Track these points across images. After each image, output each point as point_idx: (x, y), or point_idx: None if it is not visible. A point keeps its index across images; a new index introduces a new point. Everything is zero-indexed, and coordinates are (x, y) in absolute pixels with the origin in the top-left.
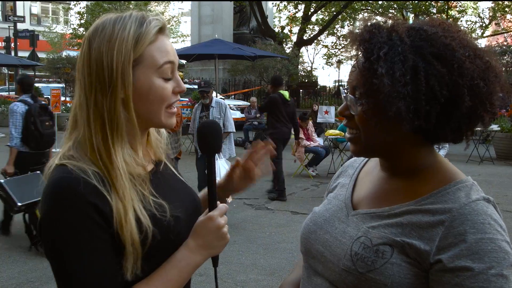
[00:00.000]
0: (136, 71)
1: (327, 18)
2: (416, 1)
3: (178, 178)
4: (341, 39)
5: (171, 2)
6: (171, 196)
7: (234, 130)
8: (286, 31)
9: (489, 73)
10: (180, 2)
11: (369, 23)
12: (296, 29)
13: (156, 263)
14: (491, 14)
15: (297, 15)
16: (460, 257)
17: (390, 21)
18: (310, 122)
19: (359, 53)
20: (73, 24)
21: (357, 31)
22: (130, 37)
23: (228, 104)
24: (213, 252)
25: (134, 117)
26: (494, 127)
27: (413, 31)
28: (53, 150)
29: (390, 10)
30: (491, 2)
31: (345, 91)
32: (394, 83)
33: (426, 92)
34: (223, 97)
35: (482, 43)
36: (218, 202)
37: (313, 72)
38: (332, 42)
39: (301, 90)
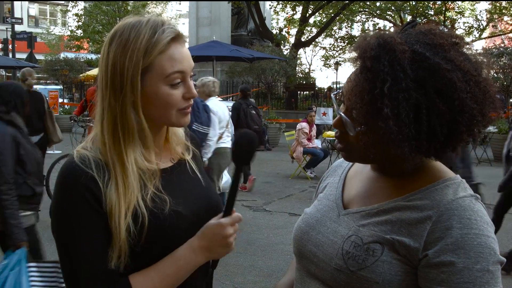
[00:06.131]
0: (145, 78)
1: (324, 20)
2: (413, 3)
3: (195, 178)
4: (338, 41)
5: (168, 3)
6: (178, 193)
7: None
8: (284, 33)
9: (486, 102)
10: (178, 3)
11: (370, 45)
12: (294, 31)
13: (151, 254)
14: (488, 16)
15: (294, 17)
16: (446, 252)
17: (389, 38)
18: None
19: (361, 78)
20: (70, 26)
21: (356, 51)
22: (142, 46)
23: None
24: (214, 257)
25: (144, 120)
26: (492, 128)
27: (416, 56)
28: (50, 151)
29: (387, 12)
30: (488, 3)
31: (338, 92)
32: (399, 126)
33: (427, 131)
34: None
35: (480, 45)
36: (233, 210)
37: (311, 73)
38: (330, 44)
39: (299, 92)
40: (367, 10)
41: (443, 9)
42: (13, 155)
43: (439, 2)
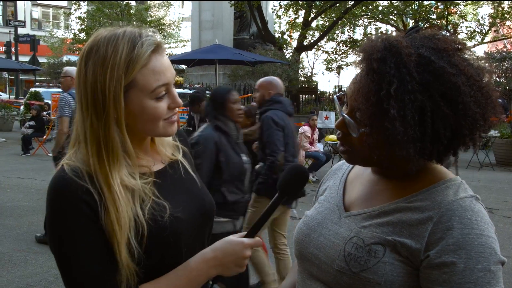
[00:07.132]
0: (129, 95)
1: (327, 24)
2: (416, 6)
3: (189, 179)
4: (341, 44)
5: (171, 6)
6: (174, 196)
7: None
8: (286, 36)
9: (488, 107)
10: (181, 7)
11: (376, 47)
12: (296, 35)
13: (154, 261)
14: (490, 20)
15: (297, 20)
16: (447, 252)
17: (396, 41)
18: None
19: (367, 80)
20: (73, 29)
21: (363, 52)
22: (122, 62)
23: None
24: (224, 273)
25: (127, 138)
26: (494, 133)
27: (421, 60)
28: (50, 154)
29: (390, 16)
30: (491, 7)
31: (341, 94)
32: (406, 127)
33: (431, 134)
34: None
35: (482, 49)
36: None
37: (313, 77)
38: (332, 48)
39: (301, 96)
40: (369, 14)
41: (446, 13)
42: (212, 160)
43: (441, 6)
